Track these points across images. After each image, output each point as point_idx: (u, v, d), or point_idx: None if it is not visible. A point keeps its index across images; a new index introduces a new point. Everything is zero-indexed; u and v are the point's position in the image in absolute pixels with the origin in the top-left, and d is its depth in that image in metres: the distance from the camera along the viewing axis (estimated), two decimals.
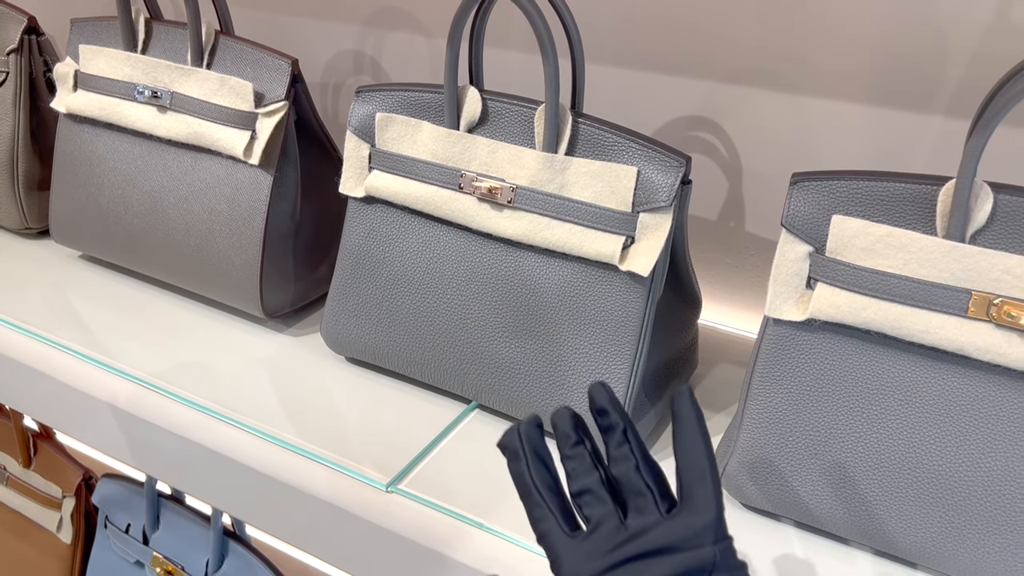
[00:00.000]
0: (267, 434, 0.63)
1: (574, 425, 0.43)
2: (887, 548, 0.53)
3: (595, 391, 0.43)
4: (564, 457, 0.42)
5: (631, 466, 0.41)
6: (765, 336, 0.54)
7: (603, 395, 0.43)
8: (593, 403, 0.43)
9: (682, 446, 0.41)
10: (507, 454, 0.43)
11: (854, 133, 0.67)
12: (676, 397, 0.42)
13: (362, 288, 0.67)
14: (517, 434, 0.43)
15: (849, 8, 0.64)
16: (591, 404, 0.43)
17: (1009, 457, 0.48)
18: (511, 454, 0.43)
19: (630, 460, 0.41)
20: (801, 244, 0.52)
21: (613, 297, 0.58)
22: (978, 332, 0.48)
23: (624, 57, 0.74)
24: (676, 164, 0.56)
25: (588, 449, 0.42)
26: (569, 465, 0.42)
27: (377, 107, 0.65)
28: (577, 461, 0.42)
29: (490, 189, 0.60)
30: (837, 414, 0.52)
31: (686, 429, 0.41)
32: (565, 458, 0.42)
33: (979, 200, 0.47)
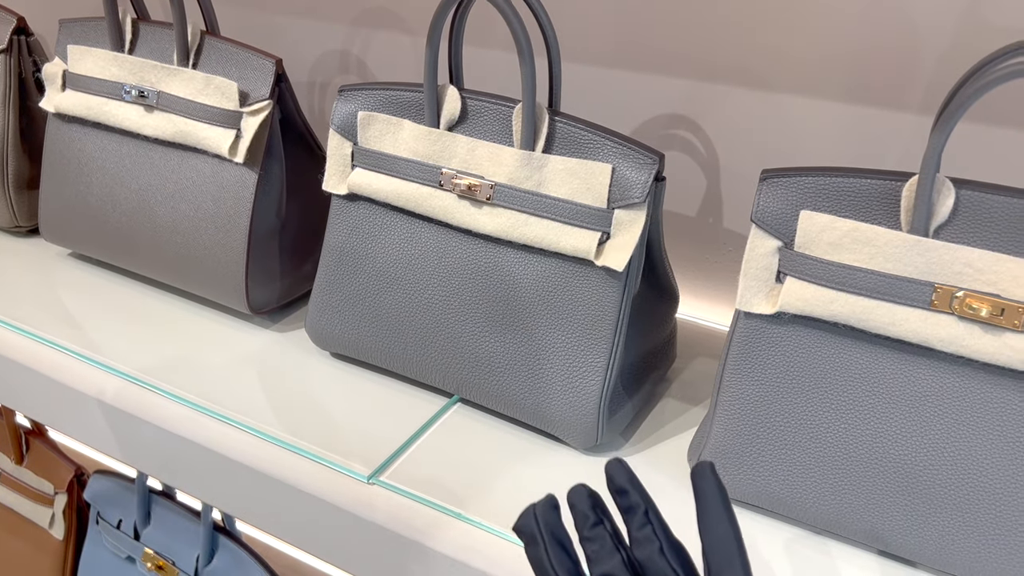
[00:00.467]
0: (251, 428, 0.64)
1: (592, 504, 0.41)
2: (856, 536, 0.54)
3: (613, 470, 0.41)
4: (584, 539, 0.41)
5: (655, 549, 0.39)
6: (736, 329, 0.55)
7: (622, 474, 0.41)
8: (612, 482, 0.41)
9: (707, 527, 0.38)
10: (523, 538, 0.41)
11: (829, 130, 0.68)
12: (697, 474, 0.39)
13: (345, 284, 0.68)
14: (533, 517, 0.41)
15: (822, 6, 0.65)
16: (609, 483, 0.41)
17: (972, 445, 0.49)
18: (528, 538, 0.41)
19: (654, 543, 0.39)
20: (770, 239, 0.53)
21: (589, 292, 0.59)
22: (941, 324, 0.49)
23: (604, 56, 0.75)
24: (650, 161, 0.57)
25: (608, 530, 0.40)
26: (589, 548, 0.40)
27: (359, 106, 0.66)
28: (598, 543, 0.40)
29: (469, 186, 0.61)
30: (806, 405, 0.53)
31: (710, 508, 0.38)
32: (585, 540, 0.41)
33: (941, 195, 0.48)
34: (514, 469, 0.61)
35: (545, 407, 0.61)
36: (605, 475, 0.41)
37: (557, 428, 0.62)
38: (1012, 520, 0.49)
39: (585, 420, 0.60)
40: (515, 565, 0.53)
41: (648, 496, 0.40)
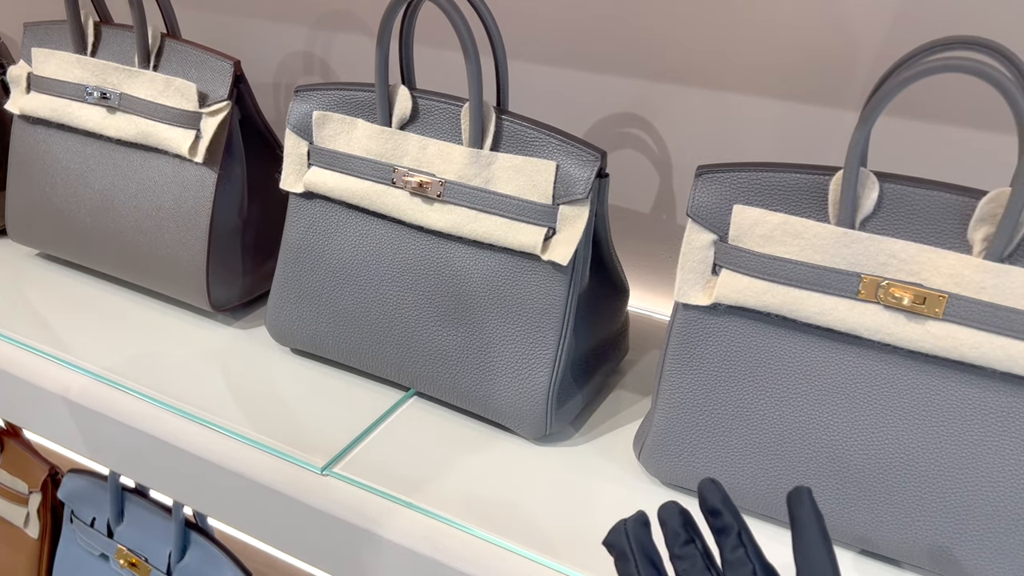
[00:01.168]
0: (210, 423, 0.65)
1: (683, 522, 0.41)
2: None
3: (707, 490, 0.41)
4: (674, 556, 0.40)
5: (748, 572, 0.38)
6: (675, 321, 0.57)
7: (715, 494, 0.40)
8: (704, 503, 0.40)
9: (804, 553, 0.38)
10: (614, 553, 0.41)
11: (774, 128, 0.70)
12: (793, 500, 0.39)
13: (303, 281, 0.69)
14: (624, 533, 0.41)
15: (764, 6, 0.67)
16: (702, 503, 0.41)
17: (899, 430, 0.51)
18: (618, 553, 0.41)
19: (747, 565, 0.39)
20: (706, 233, 0.55)
21: (537, 286, 0.61)
22: (868, 313, 0.50)
23: (559, 57, 0.77)
24: (592, 158, 0.58)
25: (699, 549, 0.40)
26: (680, 566, 0.40)
27: (315, 105, 0.67)
28: (689, 562, 0.40)
29: (420, 183, 0.62)
30: (743, 393, 0.55)
31: (807, 534, 0.38)
32: (675, 558, 0.40)
33: (866, 189, 0.50)
34: (466, 459, 0.62)
35: (495, 399, 0.63)
36: (698, 495, 0.41)
37: (507, 419, 0.63)
38: (937, 501, 0.51)
39: (534, 411, 0.62)
40: (463, 551, 0.55)
41: (741, 518, 0.40)
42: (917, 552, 0.52)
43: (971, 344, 0.48)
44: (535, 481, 0.60)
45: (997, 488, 0.49)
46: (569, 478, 0.61)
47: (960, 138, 0.64)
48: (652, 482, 0.60)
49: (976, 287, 0.48)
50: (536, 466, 0.62)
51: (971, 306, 0.48)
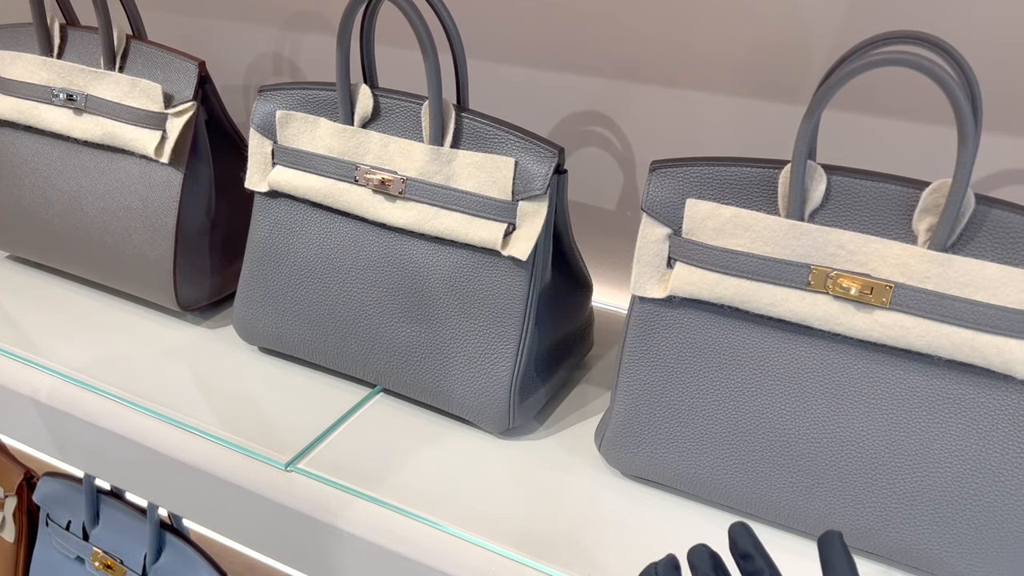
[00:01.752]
0: (177, 421, 0.65)
1: (713, 565, 0.41)
2: (747, 508, 0.56)
3: (737, 534, 0.40)
4: None
5: None
6: (632, 313, 0.58)
7: (746, 539, 0.40)
8: (735, 547, 0.40)
9: None
10: None
11: (733, 123, 0.71)
12: (826, 544, 0.39)
13: (268, 279, 0.69)
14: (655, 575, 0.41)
15: (720, 4, 0.68)
16: (732, 547, 0.40)
17: (851, 419, 0.52)
18: None
19: None
20: (660, 226, 0.56)
21: (498, 281, 0.61)
22: (818, 303, 0.51)
23: (523, 57, 0.78)
24: (550, 154, 0.59)
25: None
26: None
27: (278, 105, 0.68)
28: None
29: (383, 180, 0.63)
30: (698, 384, 0.56)
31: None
32: None
33: (814, 181, 0.51)
34: (429, 454, 0.63)
35: (459, 394, 0.63)
36: (728, 539, 0.41)
37: (470, 413, 0.64)
38: (887, 487, 0.52)
39: (497, 405, 0.62)
40: (425, 543, 0.55)
41: (772, 562, 0.40)
42: (870, 539, 0.53)
43: (917, 332, 0.49)
44: (498, 474, 0.61)
45: (945, 473, 0.50)
46: (531, 471, 0.61)
47: (907, 131, 0.65)
48: (613, 474, 0.61)
49: (921, 276, 0.49)
50: (499, 459, 0.63)
51: (916, 295, 0.49)
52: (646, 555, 0.54)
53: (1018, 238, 0.48)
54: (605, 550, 0.55)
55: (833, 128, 0.65)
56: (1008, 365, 0.48)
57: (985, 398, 0.49)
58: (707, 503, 0.58)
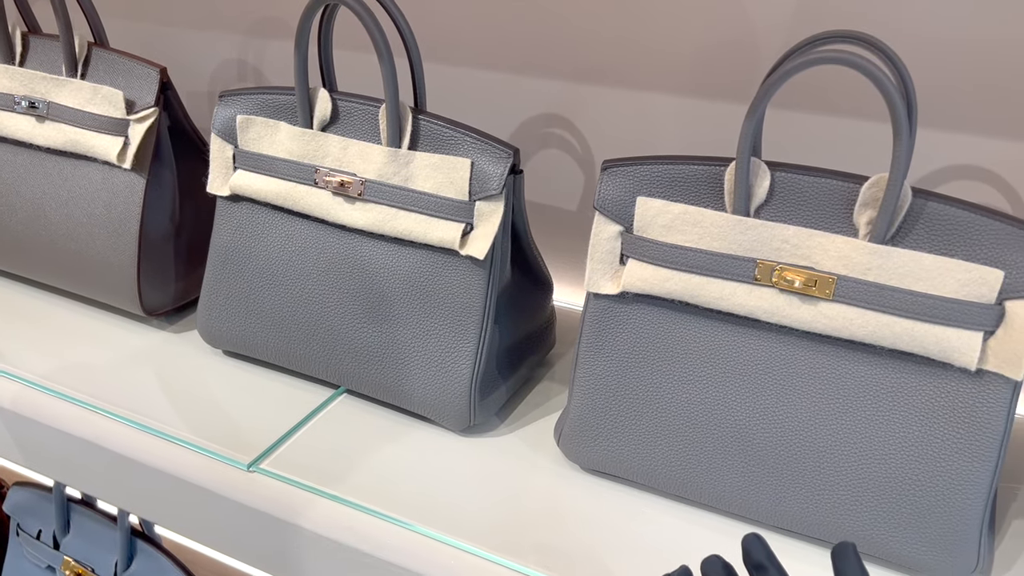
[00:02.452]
0: (141, 424, 0.66)
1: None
2: (702, 499, 0.57)
3: (751, 545, 0.41)
4: None
5: None
6: (587, 310, 0.59)
7: (760, 550, 0.41)
8: (749, 557, 0.41)
9: None
10: None
11: (687, 123, 0.72)
12: (839, 554, 0.39)
13: (231, 283, 0.70)
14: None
15: (671, 6, 0.70)
16: (746, 558, 0.41)
17: (798, 409, 0.53)
18: None
19: None
20: (612, 224, 0.57)
21: (457, 281, 0.62)
22: (764, 297, 0.53)
23: (483, 60, 0.79)
24: (505, 155, 0.60)
25: None
26: None
27: (238, 110, 0.68)
28: None
29: (342, 183, 0.64)
30: (652, 378, 0.57)
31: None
32: None
33: (758, 178, 0.52)
34: (391, 452, 0.64)
35: (420, 392, 0.64)
36: (742, 550, 0.41)
37: (432, 412, 0.65)
38: (834, 475, 0.53)
39: (457, 403, 0.63)
40: (387, 540, 0.56)
41: (785, 572, 0.40)
42: (818, 526, 0.54)
43: (860, 323, 0.50)
44: (458, 470, 0.62)
45: (888, 460, 0.52)
46: (492, 467, 0.62)
47: (851, 128, 0.67)
48: (572, 468, 0.62)
49: (862, 268, 0.50)
50: (460, 456, 0.63)
51: (858, 287, 0.50)
52: (603, 546, 0.55)
53: (953, 230, 0.49)
54: (564, 543, 0.56)
55: (781, 126, 0.67)
56: (946, 353, 0.49)
57: (926, 386, 0.51)
58: (663, 495, 0.60)
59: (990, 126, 0.64)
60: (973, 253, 0.49)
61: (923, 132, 0.65)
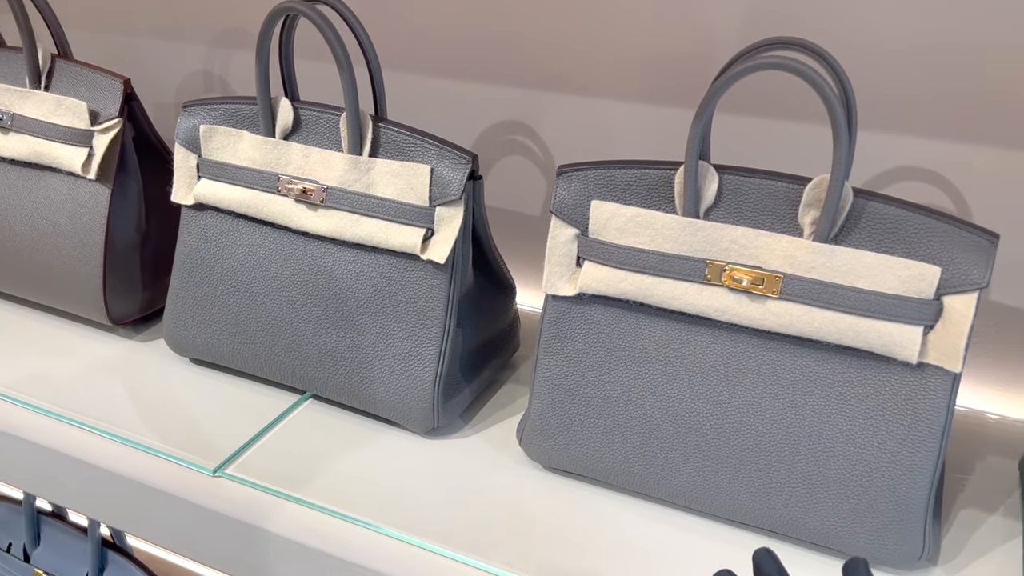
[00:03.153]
0: (108, 432, 0.66)
1: None
2: (660, 494, 0.59)
3: (762, 560, 0.41)
4: None
5: None
6: (546, 312, 0.60)
7: (771, 565, 0.41)
8: (759, 572, 0.41)
9: None
10: None
11: (644, 129, 0.74)
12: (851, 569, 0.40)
13: (196, 291, 0.71)
14: None
15: (627, 16, 0.71)
16: (756, 573, 0.42)
17: (749, 405, 0.55)
18: None
19: None
20: (568, 227, 0.58)
21: (419, 285, 0.63)
22: (715, 296, 0.54)
23: (448, 70, 0.80)
24: (464, 161, 0.61)
25: None
26: None
27: (201, 120, 0.69)
28: None
29: (304, 190, 0.65)
30: (609, 377, 0.58)
31: None
32: None
33: (707, 180, 0.54)
34: (356, 455, 0.64)
35: (383, 396, 0.65)
36: (753, 565, 0.42)
37: (396, 414, 0.66)
38: (785, 468, 0.54)
39: (421, 406, 0.64)
40: (354, 541, 0.57)
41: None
42: (770, 518, 0.56)
43: (806, 320, 0.52)
44: (423, 472, 0.63)
45: (836, 453, 0.53)
46: (456, 468, 0.63)
47: (799, 131, 0.69)
48: (534, 467, 0.63)
49: (807, 267, 0.52)
50: (425, 458, 0.64)
51: (804, 285, 0.52)
52: (564, 543, 0.56)
53: (893, 228, 0.51)
54: (526, 540, 0.57)
55: (731, 132, 0.68)
56: (888, 348, 0.51)
57: (870, 380, 0.52)
58: (622, 491, 0.61)
59: (933, 129, 0.66)
60: (912, 250, 0.51)
61: (871, 135, 0.67)
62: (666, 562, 0.55)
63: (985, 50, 0.62)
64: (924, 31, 0.64)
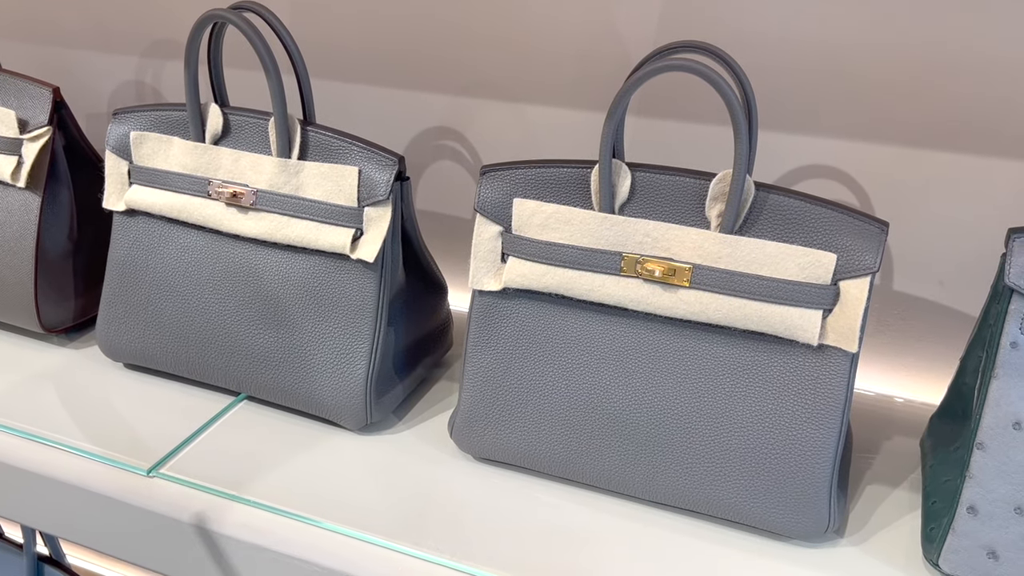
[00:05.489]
0: (39, 437, 0.66)
1: None
2: (585, 479, 0.61)
3: None
4: None
5: None
6: (473, 307, 0.62)
7: None
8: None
9: None
10: None
11: (568, 133, 0.77)
12: None
13: (129, 296, 0.71)
14: None
15: (549, 27, 0.74)
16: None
17: (665, 389, 0.58)
18: None
19: None
20: (493, 225, 0.60)
21: (349, 284, 0.65)
22: (630, 287, 0.57)
23: (375, 77, 0.82)
24: (391, 162, 0.63)
25: None
26: None
27: (132, 126, 0.70)
28: None
29: (234, 193, 0.66)
30: (535, 368, 0.61)
31: None
32: None
33: (620, 178, 0.57)
34: (292, 453, 0.66)
35: (317, 394, 0.67)
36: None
37: (330, 412, 0.67)
38: (700, 449, 0.57)
39: (354, 403, 0.66)
40: (288, 535, 0.58)
41: None
42: (686, 497, 0.59)
43: (715, 307, 0.55)
44: (357, 467, 0.64)
45: (746, 433, 0.56)
46: (390, 461, 0.65)
47: (705, 132, 0.73)
48: (465, 459, 0.65)
49: (715, 257, 0.55)
50: (359, 454, 0.66)
51: (712, 274, 0.55)
52: (495, 528, 0.58)
53: (792, 219, 0.54)
54: (459, 527, 0.59)
55: (645, 134, 0.72)
56: (791, 331, 0.54)
57: (776, 362, 0.56)
58: (549, 477, 0.63)
59: (837, 128, 0.70)
60: (810, 239, 0.54)
61: (778, 135, 0.71)
62: (591, 544, 0.58)
63: (879, 51, 0.67)
64: (821, 36, 0.68)
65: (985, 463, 0.52)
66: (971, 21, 0.63)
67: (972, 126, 0.66)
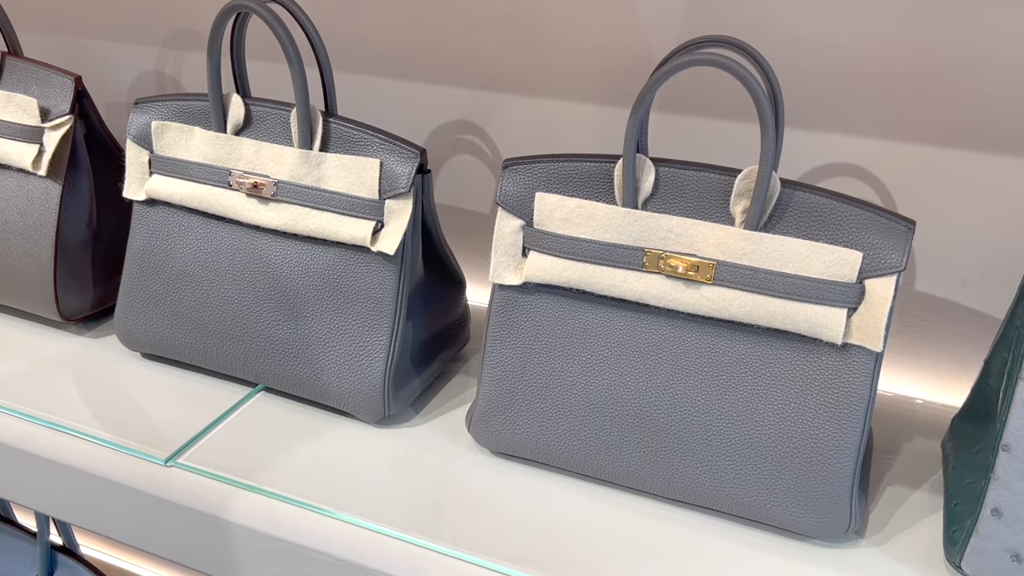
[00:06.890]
0: (58, 425, 0.66)
1: None
2: (603, 475, 0.61)
3: None
4: None
5: None
6: (493, 300, 0.62)
7: None
8: None
9: None
10: None
11: (588, 128, 0.77)
12: None
13: (148, 286, 0.71)
14: None
15: (571, 21, 0.74)
16: None
17: (686, 387, 0.57)
18: None
19: None
20: (514, 219, 0.60)
21: (369, 276, 0.65)
22: (653, 283, 0.57)
23: (397, 71, 0.82)
24: (413, 155, 0.63)
25: None
26: None
27: (153, 116, 0.70)
28: None
29: (255, 184, 0.66)
30: (554, 363, 0.60)
31: None
32: None
33: (644, 173, 0.57)
34: (308, 444, 0.66)
35: (335, 386, 0.67)
36: None
37: (347, 404, 0.67)
38: (721, 447, 0.57)
39: (372, 395, 0.66)
40: (303, 526, 0.58)
41: None
42: (707, 495, 0.58)
43: (738, 304, 0.55)
44: (374, 459, 0.64)
45: (768, 431, 0.56)
46: (406, 454, 0.65)
47: (730, 129, 0.72)
48: (483, 452, 0.65)
49: (739, 254, 0.55)
50: (376, 446, 0.66)
51: (735, 271, 0.55)
52: (511, 523, 0.58)
53: (818, 216, 0.54)
54: (475, 522, 0.58)
55: (669, 130, 0.71)
56: (815, 329, 0.54)
57: (799, 360, 0.55)
58: (567, 473, 0.63)
59: (860, 126, 0.69)
60: (836, 237, 0.54)
61: (800, 132, 0.70)
62: (609, 540, 0.57)
63: (903, 49, 0.66)
64: (845, 33, 0.67)
65: (1011, 465, 0.52)
66: (997, 19, 0.63)
67: (997, 125, 0.66)
